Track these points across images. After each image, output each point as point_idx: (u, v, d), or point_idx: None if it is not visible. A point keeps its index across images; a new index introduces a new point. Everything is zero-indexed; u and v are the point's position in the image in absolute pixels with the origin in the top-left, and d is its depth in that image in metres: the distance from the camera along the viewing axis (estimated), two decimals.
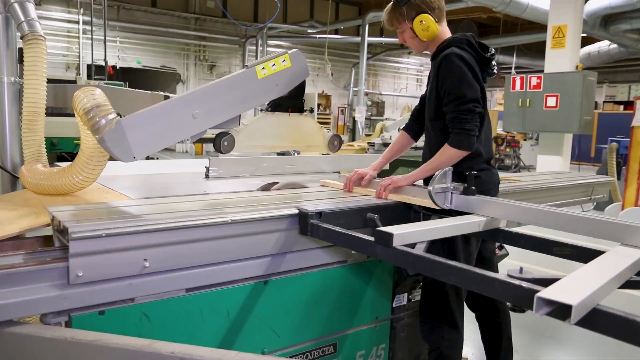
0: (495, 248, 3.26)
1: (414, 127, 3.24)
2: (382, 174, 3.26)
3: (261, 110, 4.17)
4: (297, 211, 2.53)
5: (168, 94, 2.72)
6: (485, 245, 3.09)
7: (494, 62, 2.85)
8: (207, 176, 3.61)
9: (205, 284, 2.33)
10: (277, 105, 3.36)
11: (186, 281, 2.27)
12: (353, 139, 18.74)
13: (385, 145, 11.51)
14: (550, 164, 10.87)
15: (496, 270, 3.16)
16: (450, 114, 2.78)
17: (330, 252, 2.73)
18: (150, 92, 3.00)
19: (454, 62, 2.71)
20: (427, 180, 2.82)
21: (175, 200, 2.71)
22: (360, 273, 2.88)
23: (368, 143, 12.07)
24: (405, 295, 3.08)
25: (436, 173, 2.67)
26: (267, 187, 3.20)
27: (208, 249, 2.30)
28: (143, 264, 2.13)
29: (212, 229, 2.27)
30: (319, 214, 2.52)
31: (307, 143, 3.46)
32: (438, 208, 2.66)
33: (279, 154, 8.07)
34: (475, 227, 2.59)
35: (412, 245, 2.25)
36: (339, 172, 3.43)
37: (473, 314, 3.23)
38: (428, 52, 2.96)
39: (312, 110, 3.30)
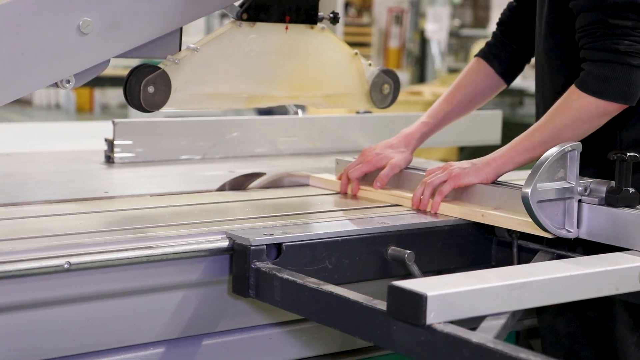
0: None
1: (503, 50, 2.13)
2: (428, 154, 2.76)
3: (222, 17, 3.62)
4: (226, 242, 1.64)
5: None
6: None
7: None
8: (109, 160, 2.68)
9: None
10: (261, 9, 2.38)
11: None
12: (422, 78, 12.36)
13: None
14: None
15: None
16: (586, 17, 1.74)
17: (306, 336, 1.77)
18: None
19: None
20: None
21: (40, 212, 1.91)
22: None
23: None
24: None
25: (542, 157, 1.70)
26: (238, 184, 2.36)
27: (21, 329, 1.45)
28: None
29: (24, 283, 1.44)
30: (276, 249, 1.62)
31: (326, 89, 2.64)
32: (549, 236, 1.75)
33: (260, 112, 6.14)
34: (636, 281, 1.66)
35: (477, 322, 1.43)
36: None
37: None
38: None
39: (335, 19, 2.38)
